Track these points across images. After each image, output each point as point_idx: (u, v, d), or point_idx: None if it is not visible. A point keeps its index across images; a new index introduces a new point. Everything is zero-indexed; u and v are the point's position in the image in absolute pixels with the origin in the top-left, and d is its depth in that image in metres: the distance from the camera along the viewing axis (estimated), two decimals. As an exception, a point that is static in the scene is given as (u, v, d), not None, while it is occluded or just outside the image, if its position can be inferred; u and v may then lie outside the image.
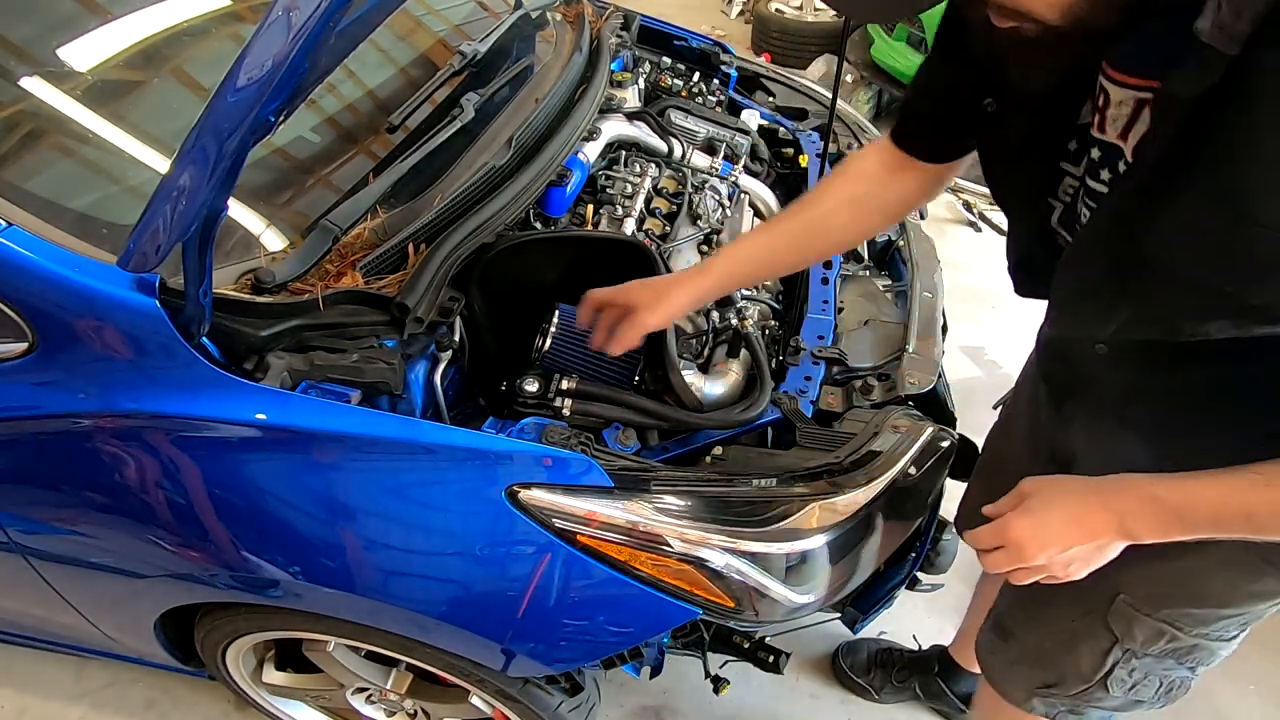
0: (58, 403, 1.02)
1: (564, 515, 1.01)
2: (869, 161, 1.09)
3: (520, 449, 1.01)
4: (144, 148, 1.17)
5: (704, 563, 1.02)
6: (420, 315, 1.08)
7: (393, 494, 1.02)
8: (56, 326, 0.97)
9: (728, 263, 1.14)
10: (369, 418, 1.00)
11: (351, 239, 1.16)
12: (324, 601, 1.09)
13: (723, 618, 1.08)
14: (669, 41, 2.05)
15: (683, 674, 1.81)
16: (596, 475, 1.01)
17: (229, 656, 1.38)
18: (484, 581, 1.03)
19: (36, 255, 0.94)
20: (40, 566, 1.21)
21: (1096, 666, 1.07)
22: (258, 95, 0.79)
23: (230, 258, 1.10)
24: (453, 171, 1.32)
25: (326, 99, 1.42)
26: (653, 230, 1.52)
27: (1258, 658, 2.01)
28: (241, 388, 0.99)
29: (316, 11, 0.78)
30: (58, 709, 1.74)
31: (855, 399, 1.27)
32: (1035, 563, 0.84)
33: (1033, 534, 0.84)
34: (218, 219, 0.89)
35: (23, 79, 1.14)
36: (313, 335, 1.08)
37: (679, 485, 1.04)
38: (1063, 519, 0.83)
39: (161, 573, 1.14)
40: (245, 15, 1.44)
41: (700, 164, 1.70)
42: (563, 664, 1.14)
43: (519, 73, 1.55)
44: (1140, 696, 1.09)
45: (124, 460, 1.04)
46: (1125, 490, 0.81)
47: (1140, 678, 1.06)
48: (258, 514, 1.04)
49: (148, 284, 0.93)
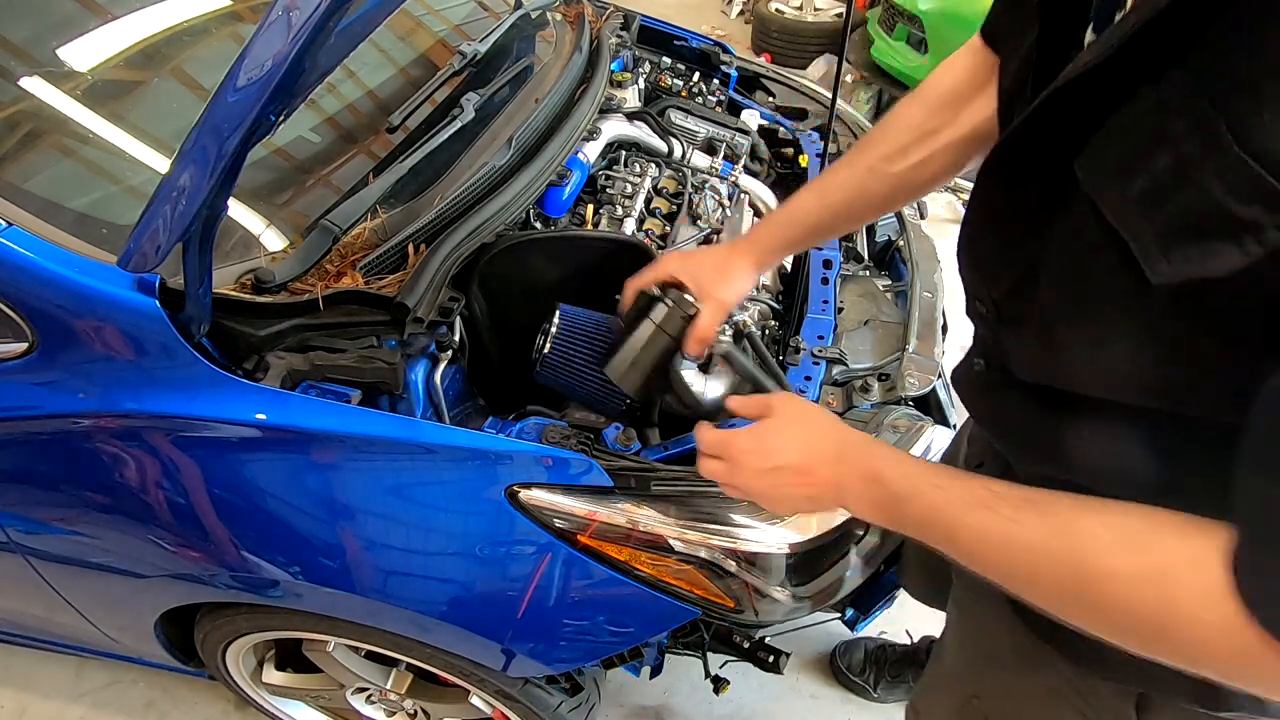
0: (58, 403, 1.02)
1: (564, 515, 1.01)
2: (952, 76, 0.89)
3: (520, 449, 1.01)
4: (144, 148, 1.17)
5: (704, 563, 1.02)
6: (420, 315, 1.08)
7: (393, 494, 1.02)
8: (56, 326, 0.97)
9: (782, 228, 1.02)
10: (369, 418, 1.00)
11: (351, 239, 1.16)
12: (324, 601, 1.09)
13: (723, 618, 1.08)
14: (669, 41, 2.05)
15: (683, 674, 1.81)
16: (596, 475, 1.01)
17: (229, 656, 1.38)
18: (484, 581, 1.03)
19: (36, 255, 0.94)
20: (40, 566, 1.21)
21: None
22: (258, 95, 0.79)
23: (230, 258, 1.10)
24: (453, 171, 1.32)
25: (326, 99, 1.42)
26: (653, 230, 1.52)
27: (1258, 658, 2.01)
28: (241, 388, 0.99)
29: (316, 11, 0.78)
30: (58, 709, 1.74)
31: (855, 399, 1.27)
32: (743, 491, 0.79)
33: (753, 463, 0.76)
34: (218, 219, 0.89)
35: (23, 79, 1.14)
36: (313, 335, 1.08)
37: (679, 485, 1.04)
38: (788, 461, 0.75)
39: (161, 573, 1.14)
40: (245, 15, 1.44)
41: (700, 164, 1.70)
42: (563, 664, 1.14)
43: (519, 73, 1.55)
44: None
45: (124, 460, 1.04)
46: (858, 456, 0.72)
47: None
48: (258, 514, 1.04)
49: (148, 284, 0.93)
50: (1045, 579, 0.58)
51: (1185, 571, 0.51)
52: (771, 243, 1.03)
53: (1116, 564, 0.53)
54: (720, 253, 1.03)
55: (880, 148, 0.93)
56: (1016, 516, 0.59)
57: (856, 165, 0.95)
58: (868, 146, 0.95)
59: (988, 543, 0.60)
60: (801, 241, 1.05)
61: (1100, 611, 0.56)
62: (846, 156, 0.98)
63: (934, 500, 0.64)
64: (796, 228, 1.01)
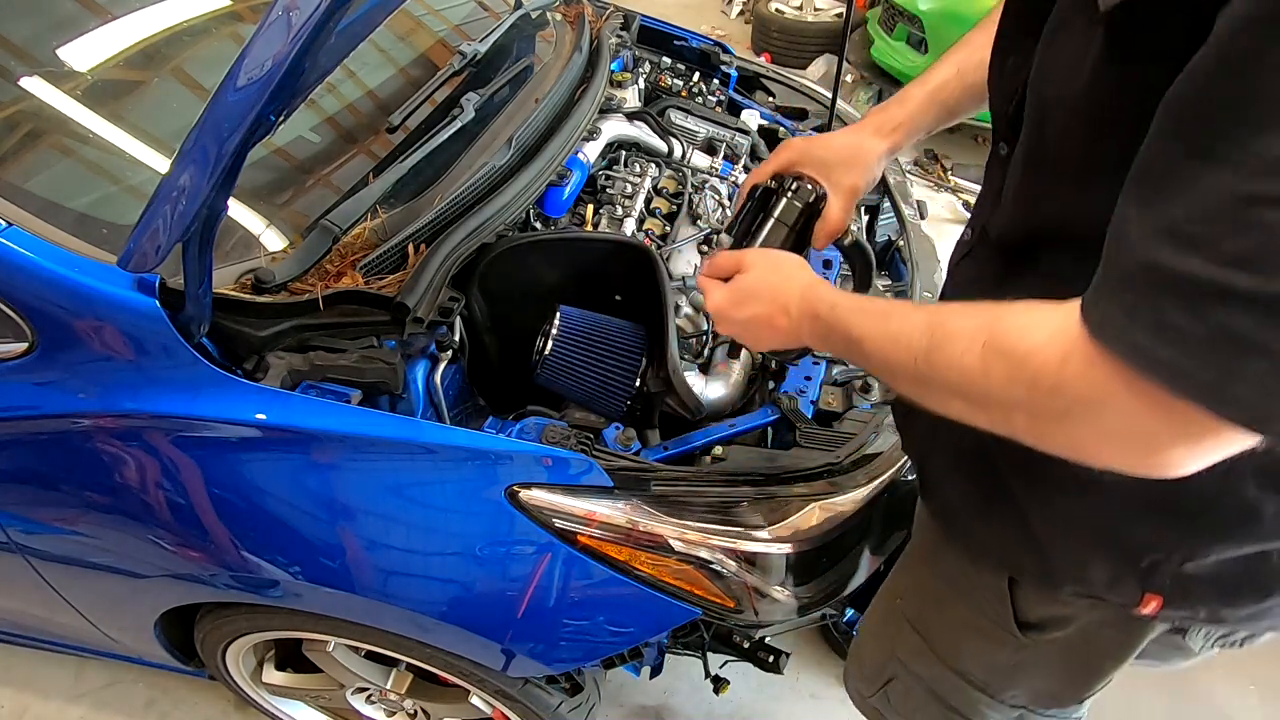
0: (58, 403, 1.02)
1: (564, 515, 1.01)
2: None
3: (520, 449, 1.01)
4: (144, 148, 1.17)
5: (704, 563, 1.02)
6: (420, 315, 1.08)
7: (393, 494, 1.02)
8: (56, 326, 0.97)
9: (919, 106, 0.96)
10: (369, 418, 1.00)
11: (351, 239, 1.16)
12: (324, 601, 1.09)
13: (723, 618, 1.08)
14: (669, 41, 2.05)
15: (683, 674, 1.81)
16: (596, 475, 1.01)
17: (229, 656, 1.38)
18: (484, 581, 1.03)
19: (36, 255, 0.94)
20: (40, 567, 1.21)
21: (879, 670, 1.06)
22: (258, 95, 0.79)
23: (230, 258, 1.10)
24: (453, 171, 1.32)
25: (326, 99, 1.42)
26: (653, 230, 1.52)
27: (1259, 659, 2.01)
28: (241, 388, 0.99)
29: (316, 11, 0.78)
30: (58, 709, 1.74)
31: (855, 399, 1.28)
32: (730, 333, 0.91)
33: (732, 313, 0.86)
34: (218, 219, 0.89)
35: (23, 79, 1.14)
36: (313, 335, 1.08)
37: (679, 485, 1.04)
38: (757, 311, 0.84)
39: (161, 573, 1.14)
40: (245, 15, 1.44)
41: (700, 164, 1.70)
42: (563, 664, 1.14)
43: (519, 73, 1.55)
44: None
45: (124, 460, 1.04)
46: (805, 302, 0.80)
47: (918, 705, 1.02)
48: (258, 514, 1.04)
49: (148, 284, 0.93)
50: (902, 358, 0.65)
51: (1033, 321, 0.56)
52: (908, 123, 0.96)
53: (962, 325, 0.61)
54: (849, 136, 0.97)
55: None
56: (896, 313, 0.69)
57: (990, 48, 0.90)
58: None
59: (875, 340, 0.69)
60: (935, 123, 0.97)
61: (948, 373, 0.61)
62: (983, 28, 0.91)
63: (850, 324, 0.73)
64: (934, 108, 0.95)
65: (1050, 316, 0.55)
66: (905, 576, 1.05)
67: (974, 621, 0.91)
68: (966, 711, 0.98)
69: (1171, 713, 1.89)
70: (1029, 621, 0.86)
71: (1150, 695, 1.91)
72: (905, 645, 1.00)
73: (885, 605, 1.07)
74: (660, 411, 1.25)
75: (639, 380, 1.21)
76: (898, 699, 1.05)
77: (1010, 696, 0.95)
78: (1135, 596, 0.75)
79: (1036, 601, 0.85)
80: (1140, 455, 0.53)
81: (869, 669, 1.09)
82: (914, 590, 1.01)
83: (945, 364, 0.61)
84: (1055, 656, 0.89)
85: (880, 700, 1.09)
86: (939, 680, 0.98)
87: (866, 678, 1.10)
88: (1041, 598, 0.85)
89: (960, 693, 0.97)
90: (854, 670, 1.14)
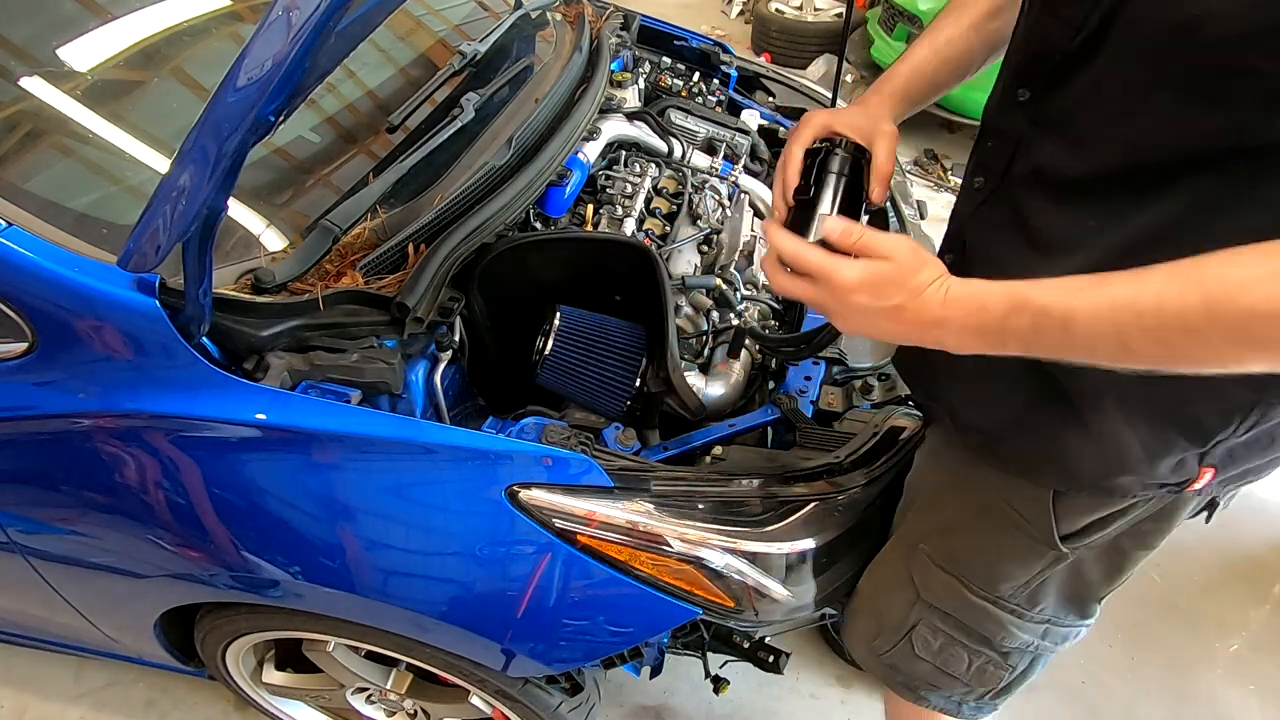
0: (58, 403, 1.02)
1: (564, 515, 1.01)
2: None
3: (520, 449, 1.01)
4: (144, 148, 1.17)
5: (704, 563, 1.02)
6: (420, 315, 1.08)
7: (393, 494, 1.02)
8: (56, 326, 0.97)
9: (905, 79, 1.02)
10: (369, 418, 1.00)
11: (351, 239, 1.16)
12: (324, 601, 1.09)
13: (723, 618, 1.08)
14: (669, 41, 2.05)
15: (683, 674, 1.82)
16: (596, 475, 1.01)
17: (229, 656, 1.38)
18: (484, 581, 1.03)
19: (36, 255, 0.94)
20: (40, 567, 1.21)
21: (903, 618, 1.07)
22: (258, 95, 0.79)
23: (230, 258, 1.10)
24: (453, 171, 1.32)
25: (326, 99, 1.42)
26: (653, 230, 1.52)
27: (1259, 659, 2.01)
28: (241, 388, 0.99)
29: (316, 11, 0.78)
30: (58, 709, 1.74)
31: (855, 399, 1.28)
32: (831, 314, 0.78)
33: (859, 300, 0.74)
34: (218, 219, 0.89)
35: (23, 79, 1.14)
36: (313, 335, 1.08)
37: (679, 485, 1.04)
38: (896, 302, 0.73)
39: (161, 573, 1.14)
40: (245, 15, 1.44)
41: (700, 164, 1.70)
42: (563, 664, 1.14)
43: (519, 73, 1.55)
44: (951, 670, 1.08)
45: (124, 460, 1.04)
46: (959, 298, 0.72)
47: (944, 644, 1.06)
48: (258, 514, 1.04)
49: (148, 284, 0.93)
50: (1171, 323, 0.59)
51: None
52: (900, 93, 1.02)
53: (1249, 272, 0.56)
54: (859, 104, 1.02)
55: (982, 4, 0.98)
56: (1132, 279, 0.61)
57: (961, 22, 0.99)
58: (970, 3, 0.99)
59: (1110, 314, 0.62)
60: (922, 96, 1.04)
61: (1241, 326, 0.57)
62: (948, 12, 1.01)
63: (1041, 302, 0.65)
64: (919, 79, 1.02)
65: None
66: (924, 521, 1.05)
67: (1011, 546, 0.94)
68: (995, 637, 1.02)
69: (1171, 713, 1.89)
70: (1070, 532, 0.90)
71: (1150, 695, 1.91)
72: (933, 587, 1.02)
73: (902, 554, 1.07)
74: (660, 411, 1.25)
75: (639, 380, 1.21)
76: (921, 644, 1.07)
77: (1039, 611, 0.99)
78: (1194, 472, 0.80)
79: (1080, 508, 0.88)
80: None
81: (890, 621, 1.10)
82: (939, 532, 1.02)
83: (1233, 322, 0.57)
84: (1091, 559, 0.94)
85: (902, 651, 1.10)
86: (970, 611, 1.01)
87: (886, 630, 1.11)
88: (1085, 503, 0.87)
89: (991, 619, 1.00)
90: (865, 628, 1.14)
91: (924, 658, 1.08)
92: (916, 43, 1.04)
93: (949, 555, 1.01)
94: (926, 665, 1.09)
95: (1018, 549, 0.94)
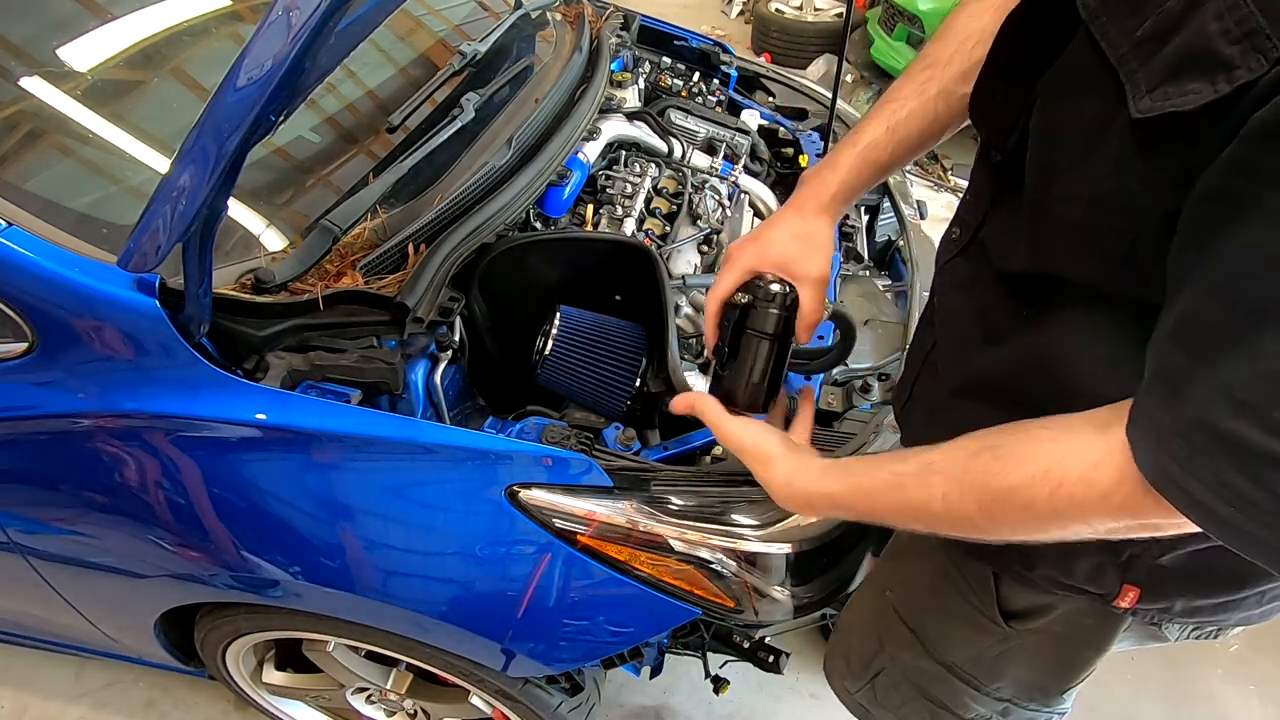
0: (58, 403, 1.02)
1: (564, 515, 1.01)
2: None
3: (520, 449, 1.01)
4: (144, 148, 1.17)
5: (704, 563, 1.02)
6: (420, 315, 1.08)
7: (393, 494, 1.02)
8: (56, 326, 0.97)
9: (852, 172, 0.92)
10: (369, 418, 1.00)
11: (351, 239, 1.16)
12: (324, 601, 1.09)
13: (723, 618, 1.08)
14: (669, 41, 2.05)
15: (683, 674, 1.81)
16: (596, 475, 1.01)
17: (229, 656, 1.38)
18: (484, 581, 1.03)
19: (36, 255, 0.94)
20: (40, 566, 1.21)
21: (867, 664, 1.06)
22: (258, 95, 0.79)
23: (230, 258, 1.10)
24: (453, 171, 1.32)
25: (326, 99, 1.42)
26: (653, 230, 1.52)
27: (1259, 659, 2.01)
28: (241, 388, 0.99)
29: (316, 11, 0.78)
30: (58, 709, 1.74)
31: (855, 399, 1.27)
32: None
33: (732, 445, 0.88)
34: (218, 219, 0.89)
35: (23, 79, 1.14)
36: (313, 335, 1.08)
37: (679, 485, 1.04)
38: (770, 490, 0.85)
39: (161, 573, 1.14)
40: (245, 15, 1.44)
41: (700, 164, 1.70)
42: (563, 664, 1.14)
43: (519, 73, 1.55)
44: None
45: (124, 460, 1.04)
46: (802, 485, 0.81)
47: (906, 699, 1.03)
48: (258, 514, 1.04)
49: (148, 284, 0.93)
50: (964, 525, 0.67)
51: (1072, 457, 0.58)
52: (843, 191, 0.92)
53: (1012, 481, 0.61)
54: (791, 222, 0.92)
55: (952, 67, 0.85)
56: (920, 482, 0.69)
57: (927, 90, 0.87)
58: (935, 66, 0.86)
59: (914, 516, 0.71)
60: (871, 182, 0.94)
61: (1017, 524, 0.63)
62: (911, 78, 0.88)
63: (861, 509, 0.76)
64: (869, 168, 0.92)
65: (1097, 451, 0.56)
66: (893, 569, 1.05)
67: (960, 611, 0.92)
68: (953, 704, 0.99)
69: (1171, 713, 1.89)
70: (1013, 611, 0.89)
71: (1150, 695, 1.91)
72: (894, 637, 1.01)
73: (873, 598, 1.07)
74: (660, 411, 1.25)
75: (639, 380, 1.21)
76: (884, 693, 1.06)
77: (995, 688, 0.96)
78: (1115, 587, 0.78)
79: (1020, 591, 0.87)
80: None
81: (856, 663, 1.09)
82: (903, 583, 1.02)
83: (1007, 520, 0.63)
84: (1038, 646, 0.91)
85: (867, 695, 1.09)
86: (926, 673, 0.99)
87: (853, 672, 1.10)
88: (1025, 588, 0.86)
89: (946, 684, 0.98)
90: (839, 666, 1.14)
91: (887, 708, 1.07)
92: (871, 115, 0.92)
93: (911, 609, 0.99)
94: (890, 716, 1.07)
95: (968, 618, 0.92)
